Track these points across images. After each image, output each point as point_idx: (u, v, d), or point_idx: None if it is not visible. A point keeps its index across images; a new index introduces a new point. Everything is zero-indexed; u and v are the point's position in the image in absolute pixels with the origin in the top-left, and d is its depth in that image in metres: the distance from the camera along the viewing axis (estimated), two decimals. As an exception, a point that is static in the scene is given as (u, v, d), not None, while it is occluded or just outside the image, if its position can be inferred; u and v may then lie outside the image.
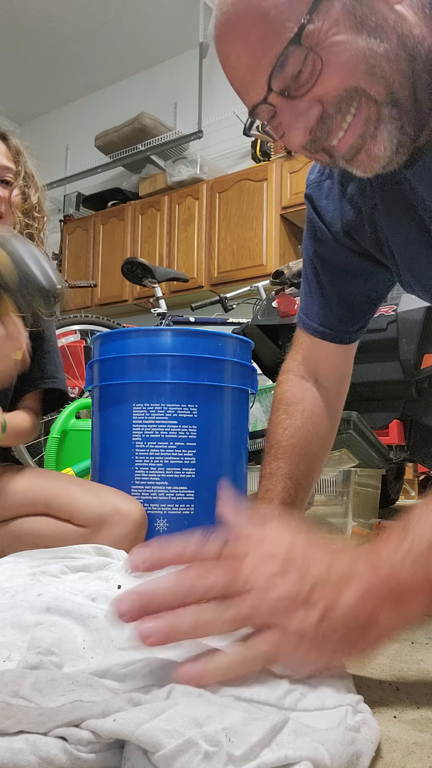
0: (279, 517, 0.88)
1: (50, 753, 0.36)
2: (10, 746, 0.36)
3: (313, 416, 0.99)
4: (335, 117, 0.63)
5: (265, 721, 0.37)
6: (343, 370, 1.02)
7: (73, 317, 2.56)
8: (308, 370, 1.01)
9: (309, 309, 0.99)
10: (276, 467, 0.98)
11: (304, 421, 0.99)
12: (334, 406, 1.02)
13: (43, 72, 5.25)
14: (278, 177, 4.08)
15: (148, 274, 2.65)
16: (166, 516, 1.19)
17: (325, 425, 1.01)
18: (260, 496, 0.99)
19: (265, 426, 1.81)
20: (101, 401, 1.30)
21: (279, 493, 0.97)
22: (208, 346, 1.26)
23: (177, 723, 0.36)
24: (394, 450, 1.93)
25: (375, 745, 0.41)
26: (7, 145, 1.21)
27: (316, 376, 1.01)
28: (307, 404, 0.99)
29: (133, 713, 0.37)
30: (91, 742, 0.36)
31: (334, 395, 1.02)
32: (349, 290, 0.94)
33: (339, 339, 0.98)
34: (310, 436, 0.99)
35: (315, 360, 1.00)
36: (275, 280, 2.05)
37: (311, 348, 1.00)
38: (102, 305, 4.83)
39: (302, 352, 1.01)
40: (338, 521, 1.57)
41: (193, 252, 4.41)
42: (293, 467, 0.97)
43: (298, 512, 1.00)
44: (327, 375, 1.01)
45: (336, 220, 0.89)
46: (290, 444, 0.98)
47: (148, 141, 4.63)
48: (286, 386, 1.01)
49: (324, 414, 1.01)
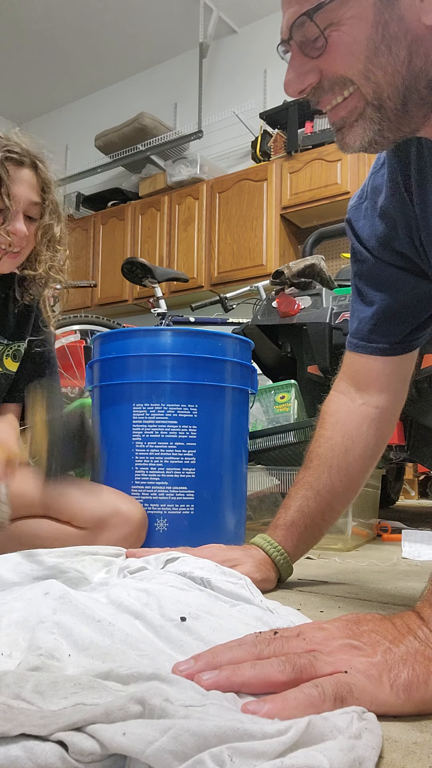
0: None
1: (48, 761, 0.35)
2: (7, 753, 0.36)
3: (346, 428, 0.98)
4: (327, 92, 0.68)
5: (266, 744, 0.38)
6: (389, 383, 0.98)
7: (73, 317, 2.56)
8: (350, 385, 1.00)
9: (352, 328, 0.98)
10: (302, 476, 0.99)
11: (333, 431, 0.98)
12: (378, 421, 0.98)
13: (43, 72, 5.25)
14: (278, 177, 4.08)
15: (148, 274, 2.65)
16: (166, 516, 1.19)
17: (362, 440, 0.98)
18: (283, 503, 1.01)
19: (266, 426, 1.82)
20: (101, 401, 1.30)
21: (297, 501, 0.98)
22: (208, 346, 1.25)
23: (186, 744, 0.36)
24: (394, 450, 1.93)
25: (377, 750, 0.41)
26: (37, 176, 1.16)
27: (363, 393, 0.99)
28: (340, 416, 0.99)
29: (143, 730, 0.37)
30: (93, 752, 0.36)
31: (378, 411, 0.98)
32: (391, 302, 0.93)
33: (378, 350, 0.96)
34: (338, 448, 0.97)
35: (357, 374, 0.99)
36: (275, 280, 2.05)
37: (353, 363, 0.99)
38: (102, 305, 4.83)
39: (345, 368, 1.01)
40: (338, 521, 1.57)
41: (193, 252, 4.41)
42: (315, 477, 0.98)
43: (314, 522, 0.98)
44: (370, 390, 0.98)
45: (372, 236, 0.90)
46: (316, 453, 0.99)
47: (148, 141, 4.63)
48: (327, 402, 1.02)
49: (362, 428, 0.97)
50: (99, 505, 1.12)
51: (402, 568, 1.28)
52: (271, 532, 0.98)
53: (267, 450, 1.71)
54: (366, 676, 0.47)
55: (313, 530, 0.99)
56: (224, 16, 4.58)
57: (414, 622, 0.53)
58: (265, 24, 4.61)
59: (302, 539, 0.98)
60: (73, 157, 5.44)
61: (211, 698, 0.44)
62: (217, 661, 0.49)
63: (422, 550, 1.47)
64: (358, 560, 1.37)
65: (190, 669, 0.49)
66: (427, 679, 0.48)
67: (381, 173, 0.87)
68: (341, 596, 0.97)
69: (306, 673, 0.47)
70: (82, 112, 5.62)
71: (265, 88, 4.58)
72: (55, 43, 4.88)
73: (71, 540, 1.09)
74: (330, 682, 0.46)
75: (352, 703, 0.45)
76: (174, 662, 0.51)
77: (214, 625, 0.61)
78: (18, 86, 5.42)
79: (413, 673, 0.48)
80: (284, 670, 0.47)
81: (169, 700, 0.40)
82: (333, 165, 3.82)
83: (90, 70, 5.26)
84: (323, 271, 2.05)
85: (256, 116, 4.31)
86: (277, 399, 1.86)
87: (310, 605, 0.89)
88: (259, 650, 0.50)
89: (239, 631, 0.60)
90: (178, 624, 0.60)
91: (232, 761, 0.36)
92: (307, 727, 0.39)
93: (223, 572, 0.81)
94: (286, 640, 0.52)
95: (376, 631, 0.52)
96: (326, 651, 0.50)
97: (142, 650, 0.55)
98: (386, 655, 0.49)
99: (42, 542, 1.09)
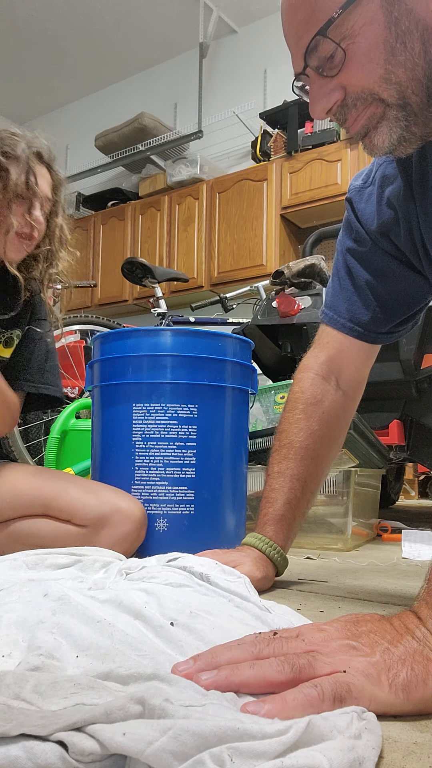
0: None
1: (48, 761, 0.35)
2: (7, 753, 0.36)
3: (330, 420, 1.00)
4: (351, 108, 0.70)
5: (266, 742, 0.37)
6: (363, 374, 1.02)
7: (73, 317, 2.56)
8: (330, 370, 1.01)
9: (338, 305, 0.99)
10: (285, 467, 0.99)
11: (321, 424, 0.99)
12: (348, 411, 1.03)
13: (43, 72, 5.25)
14: (278, 177, 4.08)
15: (148, 274, 2.65)
16: (166, 516, 1.19)
17: (337, 429, 1.02)
18: (265, 494, 1.00)
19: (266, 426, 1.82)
20: (101, 401, 1.30)
21: (284, 494, 0.98)
22: (208, 346, 1.25)
23: (186, 744, 0.36)
24: (394, 450, 1.93)
25: (377, 750, 0.41)
26: (51, 174, 1.21)
27: (338, 378, 1.01)
28: (326, 407, 1.00)
29: (143, 730, 0.37)
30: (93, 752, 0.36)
31: (350, 400, 1.02)
32: (382, 290, 0.95)
33: (366, 337, 0.98)
34: (324, 440, 1.00)
35: (339, 359, 1.00)
36: (275, 280, 2.05)
37: (336, 346, 1.00)
38: (102, 305, 4.83)
39: (327, 351, 1.01)
40: (338, 521, 1.57)
41: (193, 252, 4.41)
42: (303, 469, 0.98)
43: (301, 512, 1.01)
44: (348, 377, 1.01)
45: (372, 221, 0.91)
46: (304, 446, 0.99)
47: (148, 141, 4.63)
48: (307, 385, 1.01)
49: (338, 418, 1.01)
50: (99, 503, 1.12)
51: (402, 568, 1.28)
52: (260, 529, 0.99)
53: (267, 450, 1.70)
54: (365, 676, 0.47)
55: (299, 520, 1.01)
56: (224, 16, 4.58)
57: (412, 622, 0.54)
58: (265, 24, 4.61)
59: (291, 530, 1.00)
60: (73, 157, 5.44)
61: (210, 698, 0.44)
62: (216, 661, 0.49)
63: (422, 550, 1.47)
64: (358, 560, 1.37)
65: (189, 669, 0.49)
66: (425, 679, 0.48)
67: (393, 165, 0.88)
68: (341, 596, 0.97)
69: (305, 673, 0.47)
70: (82, 112, 5.62)
71: (265, 88, 4.58)
72: (55, 43, 4.88)
73: (71, 538, 1.09)
74: (329, 681, 0.46)
75: (351, 702, 0.45)
76: (174, 662, 0.51)
77: (213, 624, 0.61)
78: (18, 86, 5.42)
79: (412, 673, 0.48)
80: (283, 670, 0.47)
81: (169, 700, 0.40)
82: (333, 165, 3.82)
83: (90, 70, 5.25)
84: (323, 271, 2.05)
85: (256, 116, 4.31)
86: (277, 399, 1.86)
87: (310, 605, 0.89)
88: (258, 650, 0.50)
89: (239, 631, 0.60)
90: (177, 624, 0.60)
91: (232, 761, 0.36)
92: (307, 727, 0.39)
93: (222, 570, 0.82)
94: (285, 641, 0.52)
95: (375, 631, 0.52)
96: (325, 651, 0.50)
97: (141, 650, 0.55)
98: (385, 655, 0.49)
99: (42, 541, 1.09)
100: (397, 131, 0.68)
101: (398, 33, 0.64)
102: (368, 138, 0.71)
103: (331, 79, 0.68)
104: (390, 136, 0.69)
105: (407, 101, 0.67)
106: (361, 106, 0.68)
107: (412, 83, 0.66)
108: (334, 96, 0.69)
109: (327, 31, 0.65)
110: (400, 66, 0.65)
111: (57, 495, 1.12)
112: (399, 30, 0.64)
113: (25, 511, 1.12)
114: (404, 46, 0.64)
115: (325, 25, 0.65)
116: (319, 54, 0.67)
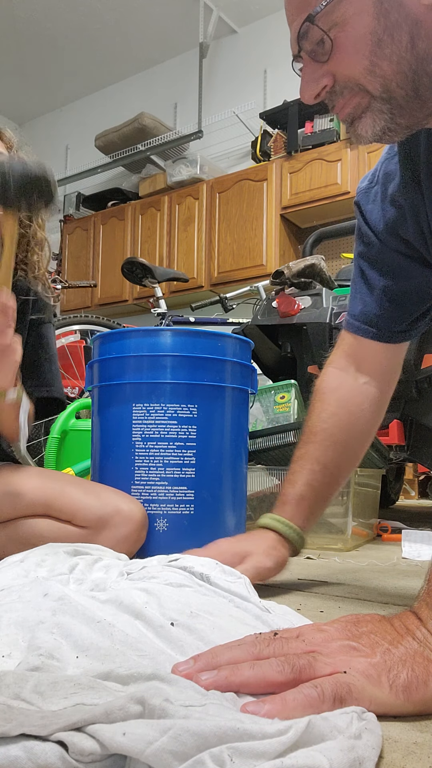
0: None
1: (48, 761, 0.35)
2: (7, 753, 0.36)
3: (349, 405, 0.99)
4: (338, 95, 0.70)
5: (266, 742, 0.37)
6: (386, 369, 1.01)
7: (73, 317, 2.56)
8: (349, 363, 1.01)
9: (353, 309, 1.00)
10: (305, 451, 0.99)
11: (338, 408, 0.99)
12: (372, 401, 1.01)
13: (43, 72, 5.25)
14: (278, 177, 4.08)
15: (148, 274, 2.65)
16: (166, 516, 1.19)
17: (364, 418, 1.00)
18: (286, 479, 1.00)
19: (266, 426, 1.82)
20: (101, 401, 1.30)
21: (304, 476, 0.98)
22: (208, 346, 1.25)
23: (186, 744, 0.36)
24: (394, 450, 1.93)
25: (377, 750, 0.41)
26: (1, 139, 1.17)
27: (357, 369, 1.01)
28: (343, 393, 1.00)
29: (143, 730, 0.37)
30: (93, 752, 0.36)
31: (378, 392, 1.01)
32: (394, 288, 0.95)
33: (381, 337, 0.98)
34: (343, 424, 0.99)
35: (357, 356, 1.01)
36: (275, 280, 2.05)
37: (354, 345, 1.01)
38: (102, 305, 4.83)
39: (344, 347, 1.02)
40: (338, 521, 1.57)
41: (193, 252, 4.41)
42: (321, 451, 0.98)
43: (322, 496, 0.99)
44: (369, 369, 1.00)
45: (379, 221, 0.91)
46: (322, 428, 0.99)
47: (148, 141, 4.63)
48: (325, 377, 1.02)
49: (363, 406, 1.00)
50: (100, 504, 1.12)
51: (402, 568, 1.28)
52: (279, 510, 0.98)
53: (267, 450, 1.71)
54: (365, 677, 0.47)
55: (321, 503, 1.00)
56: (224, 16, 4.58)
57: (412, 622, 0.54)
58: (265, 24, 4.61)
59: (312, 512, 0.99)
60: (73, 157, 5.45)
61: (210, 698, 0.44)
62: (216, 661, 0.49)
63: (422, 550, 1.47)
64: (358, 560, 1.37)
65: (189, 669, 0.49)
66: (426, 680, 0.48)
67: (394, 160, 0.88)
68: (341, 596, 0.97)
69: (305, 673, 0.47)
70: (82, 112, 5.62)
71: (265, 88, 4.58)
72: (55, 43, 4.88)
73: (72, 539, 1.09)
74: (329, 682, 0.46)
75: (352, 703, 0.45)
76: (174, 662, 0.51)
77: (214, 625, 0.61)
78: (18, 86, 5.42)
79: (412, 674, 0.48)
80: (283, 670, 0.47)
81: (169, 700, 0.40)
82: (333, 165, 3.82)
83: (90, 70, 5.26)
84: (323, 271, 2.05)
85: (256, 116, 4.31)
86: (277, 399, 1.86)
87: (310, 605, 0.89)
88: (259, 650, 0.50)
89: (239, 631, 0.60)
90: (178, 624, 0.60)
91: (232, 761, 0.36)
92: (307, 727, 0.39)
93: (223, 570, 0.82)
94: (285, 641, 0.52)
95: (375, 632, 0.52)
96: (325, 652, 0.50)
97: (141, 650, 0.55)
98: (385, 656, 0.49)
99: (43, 541, 1.09)
100: (380, 123, 0.69)
101: (387, 25, 0.64)
102: (353, 126, 0.71)
103: (322, 65, 0.68)
104: (373, 127, 0.69)
105: (392, 94, 0.66)
106: (348, 94, 0.69)
107: (397, 76, 0.65)
108: (323, 82, 0.69)
109: (315, 18, 0.65)
110: (386, 59, 0.65)
111: (58, 496, 1.12)
112: (388, 22, 0.63)
113: (26, 512, 1.12)
114: (392, 39, 0.64)
115: (314, 12, 0.65)
116: (310, 39, 0.67)
